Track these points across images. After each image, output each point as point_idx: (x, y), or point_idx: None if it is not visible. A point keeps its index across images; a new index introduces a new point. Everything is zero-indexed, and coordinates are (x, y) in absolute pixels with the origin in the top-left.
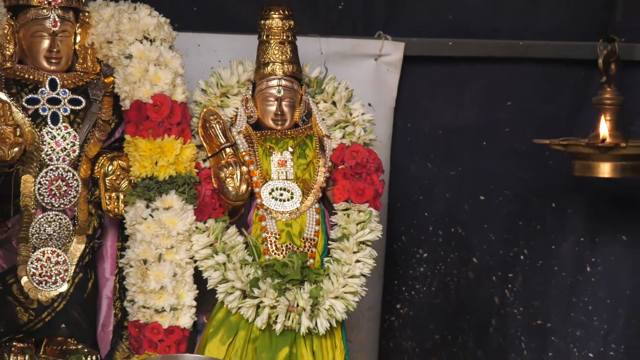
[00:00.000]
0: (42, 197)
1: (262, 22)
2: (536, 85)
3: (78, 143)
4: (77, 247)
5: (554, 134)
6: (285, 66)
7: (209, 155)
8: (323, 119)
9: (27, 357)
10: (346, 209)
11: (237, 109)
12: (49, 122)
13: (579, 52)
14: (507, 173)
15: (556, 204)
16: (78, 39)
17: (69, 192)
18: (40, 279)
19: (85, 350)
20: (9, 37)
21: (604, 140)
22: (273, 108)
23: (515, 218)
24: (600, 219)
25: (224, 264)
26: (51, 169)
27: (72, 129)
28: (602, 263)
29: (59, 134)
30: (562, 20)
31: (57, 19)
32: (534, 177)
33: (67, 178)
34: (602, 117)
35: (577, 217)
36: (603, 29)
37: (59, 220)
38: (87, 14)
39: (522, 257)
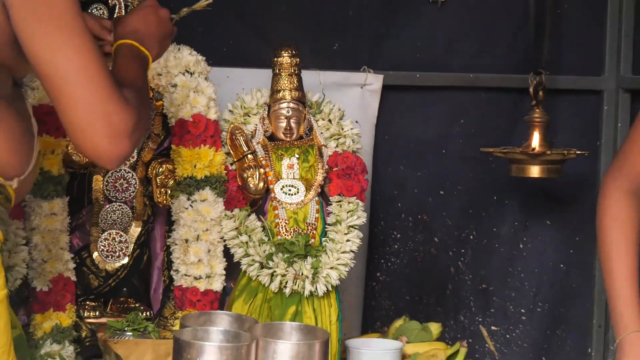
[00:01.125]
0: (108, 192)
1: (275, 59)
2: (482, 107)
3: (136, 151)
4: (135, 230)
5: (495, 144)
6: (293, 93)
7: (235, 160)
8: (321, 133)
9: (97, 313)
10: (339, 201)
11: (256, 125)
12: None
13: (514, 82)
14: (461, 174)
15: (497, 197)
16: None
17: (129, 188)
18: (107, 253)
19: (142, 307)
20: None
21: (534, 149)
22: (283, 124)
23: (466, 208)
24: (530, 208)
25: (246, 242)
26: (115, 171)
27: None
28: (531, 241)
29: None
30: (502, 58)
31: None
32: (480, 176)
33: (127, 177)
34: (533, 132)
35: (513, 207)
36: (533, 64)
37: (122, 210)
38: None
39: (471, 237)
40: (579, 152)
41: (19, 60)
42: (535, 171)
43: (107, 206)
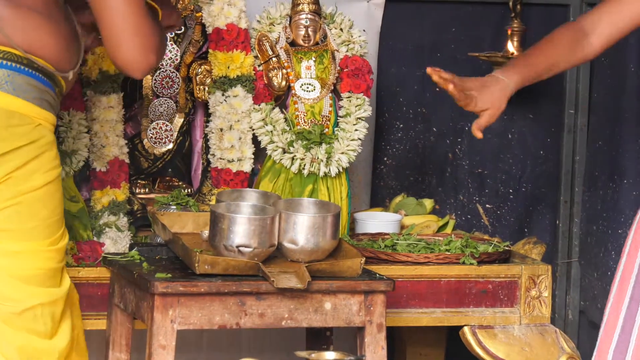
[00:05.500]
0: (156, 88)
1: None
2: (471, 18)
3: (179, 54)
4: (179, 120)
5: (481, 49)
6: (310, 6)
7: (262, 62)
8: (334, 39)
9: (147, 190)
10: (349, 97)
11: (279, 32)
12: None
13: None
14: (455, 74)
15: None
16: None
17: (173, 86)
18: (155, 140)
19: (184, 185)
20: None
21: (512, 53)
22: (302, 32)
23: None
24: (515, 104)
25: (271, 131)
26: (162, 71)
27: (175, 45)
28: (517, 132)
29: (167, 49)
30: None
31: None
32: (470, 75)
33: (172, 76)
34: (511, 39)
35: None
36: None
37: (167, 103)
38: None
39: (466, 128)
40: None
41: None
42: None
43: (155, 100)
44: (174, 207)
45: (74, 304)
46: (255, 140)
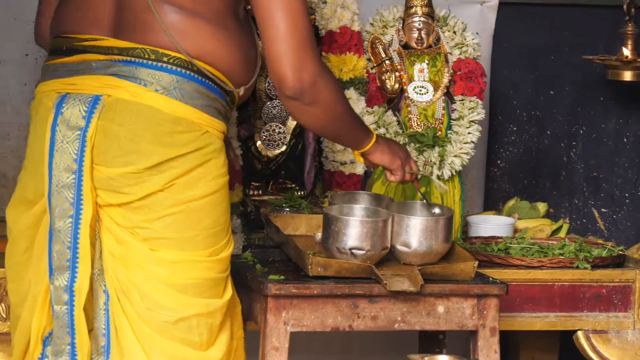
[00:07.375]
0: (269, 91)
1: None
2: (585, 21)
3: None
4: (292, 123)
5: (595, 53)
6: (424, 8)
7: (375, 65)
8: (447, 42)
9: (260, 192)
10: (462, 100)
11: (392, 35)
12: None
13: (612, 1)
14: (568, 77)
15: (602, 97)
16: None
17: None
18: (268, 142)
19: (297, 187)
20: None
21: (627, 57)
22: (415, 35)
23: (575, 105)
24: (631, 108)
25: (384, 134)
26: None
27: None
28: (632, 136)
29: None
30: None
31: None
32: (585, 79)
33: None
34: (625, 43)
35: (616, 105)
36: None
37: (281, 106)
38: None
39: (581, 131)
40: None
41: None
42: (628, 75)
43: (268, 103)
44: (287, 209)
45: (236, 314)
46: None
